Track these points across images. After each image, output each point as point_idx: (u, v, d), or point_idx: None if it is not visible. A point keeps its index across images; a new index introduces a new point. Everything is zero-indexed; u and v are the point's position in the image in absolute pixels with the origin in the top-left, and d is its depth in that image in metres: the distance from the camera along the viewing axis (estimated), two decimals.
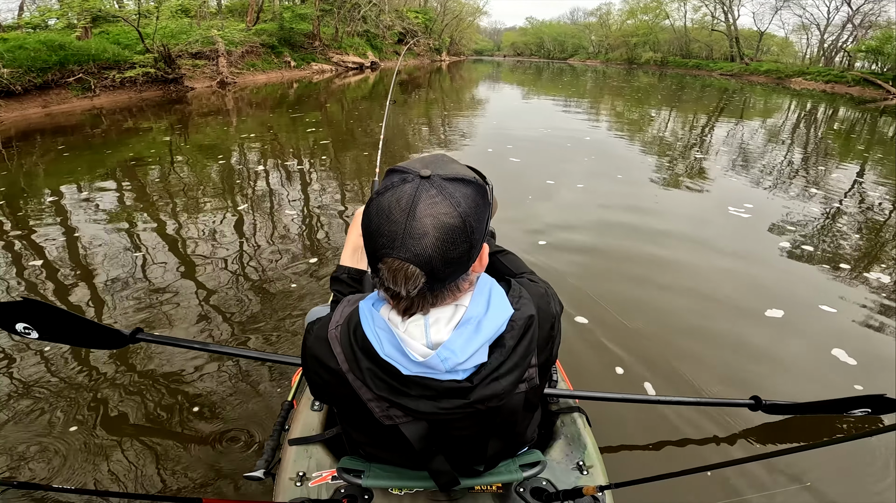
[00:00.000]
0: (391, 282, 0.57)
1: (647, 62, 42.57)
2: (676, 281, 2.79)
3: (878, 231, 3.98)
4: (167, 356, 1.96)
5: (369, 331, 0.62)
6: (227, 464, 1.49)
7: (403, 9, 29.30)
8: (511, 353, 0.63)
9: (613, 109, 11.41)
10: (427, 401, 0.63)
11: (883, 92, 22.09)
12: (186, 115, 8.48)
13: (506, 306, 0.64)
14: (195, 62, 11.99)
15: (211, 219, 3.51)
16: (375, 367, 0.63)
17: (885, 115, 13.97)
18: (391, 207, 0.56)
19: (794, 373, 2.07)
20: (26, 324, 1.31)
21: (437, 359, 0.59)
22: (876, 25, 28.96)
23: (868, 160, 6.96)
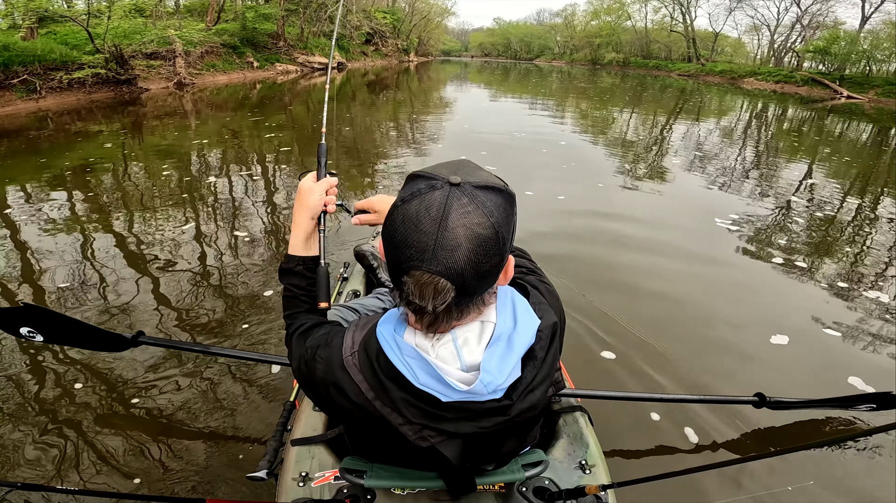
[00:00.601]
0: (417, 296, 0.54)
1: (610, 63, 43.81)
2: (667, 285, 2.78)
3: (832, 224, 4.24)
4: (169, 359, 1.95)
5: (397, 360, 0.59)
6: (230, 464, 1.49)
7: (371, 9, 29.06)
8: (542, 364, 0.63)
9: (583, 112, 11.58)
10: (467, 423, 0.62)
11: (830, 91, 23.46)
12: (141, 118, 8.15)
13: (532, 317, 0.62)
14: (150, 63, 11.52)
15: (168, 225, 3.39)
16: (409, 397, 0.60)
17: (832, 114, 14.86)
18: (420, 216, 0.52)
19: (790, 363, 2.13)
20: (30, 328, 1.34)
21: (480, 386, 0.57)
22: (823, 26, 30.78)
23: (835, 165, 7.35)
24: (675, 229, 3.73)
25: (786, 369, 2.10)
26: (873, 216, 4.47)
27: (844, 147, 8.72)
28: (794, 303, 2.69)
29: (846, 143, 9.32)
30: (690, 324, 2.43)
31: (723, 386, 1.97)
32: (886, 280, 3.09)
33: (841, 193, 5.17)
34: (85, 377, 1.87)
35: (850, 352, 2.26)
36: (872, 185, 5.79)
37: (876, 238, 3.90)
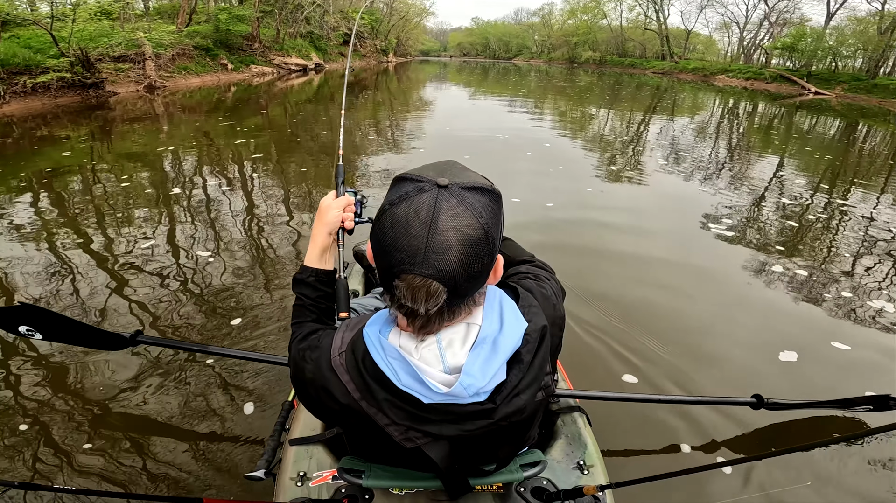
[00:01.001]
0: (409, 299, 0.54)
1: (586, 61, 44.42)
2: (664, 280, 2.81)
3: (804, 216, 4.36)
4: (166, 358, 1.96)
5: (381, 361, 0.60)
6: (228, 464, 1.49)
7: (349, 10, 28.82)
8: (529, 368, 0.62)
9: (565, 112, 11.62)
10: (450, 425, 0.61)
11: (798, 88, 24.23)
12: (109, 122, 7.89)
13: (519, 320, 0.62)
14: (118, 66, 11.17)
15: (142, 231, 3.29)
16: (393, 398, 0.60)
17: (802, 110, 15.34)
18: (409, 219, 0.52)
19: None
20: (29, 327, 1.35)
21: (460, 388, 0.57)
22: (790, 23, 31.78)
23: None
24: (668, 234, 3.63)
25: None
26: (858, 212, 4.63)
27: (831, 144, 9.01)
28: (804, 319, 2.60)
29: (829, 139, 9.64)
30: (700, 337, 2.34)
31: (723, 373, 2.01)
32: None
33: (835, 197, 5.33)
34: (83, 376, 1.86)
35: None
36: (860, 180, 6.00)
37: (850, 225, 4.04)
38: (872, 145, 9.19)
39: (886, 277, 3.04)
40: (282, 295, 2.49)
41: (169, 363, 1.94)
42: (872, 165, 6.93)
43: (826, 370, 2.09)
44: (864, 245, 3.56)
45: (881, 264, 3.22)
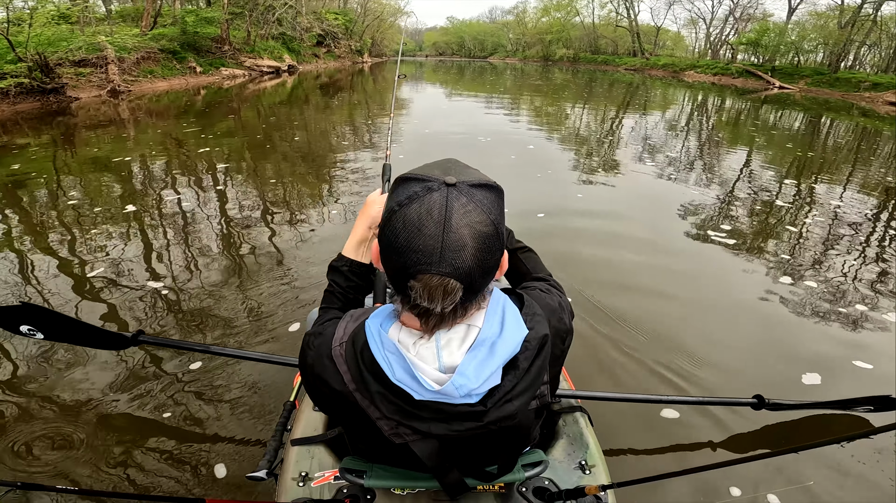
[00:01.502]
0: (426, 299, 0.54)
1: (561, 59, 44.94)
2: (660, 284, 2.79)
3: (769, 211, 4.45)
4: (168, 358, 1.97)
5: (378, 354, 0.60)
6: (230, 464, 1.49)
7: (322, 10, 28.40)
8: (525, 375, 0.62)
9: (545, 111, 11.62)
10: (439, 424, 0.62)
11: (763, 82, 25.02)
12: (72, 128, 7.57)
13: (520, 326, 0.62)
14: (79, 70, 10.73)
15: (113, 240, 3.18)
16: (386, 391, 0.61)
17: (767, 104, 15.81)
18: (422, 219, 0.52)
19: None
20: (30, 327, 1.34)
21: (451, 387, 0.57)
22: (754, 18, 32.80)
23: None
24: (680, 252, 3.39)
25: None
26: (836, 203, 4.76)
27: (841, 143, 9.29)
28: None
29: (840, 139, 9.94)
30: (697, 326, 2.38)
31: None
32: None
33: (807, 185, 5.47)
34: (84, 376, 1.87)
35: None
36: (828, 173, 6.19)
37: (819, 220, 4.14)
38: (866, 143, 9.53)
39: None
40: (262, 297, 2.47)
41: (170, 364, 1.95)
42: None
43: (851, 389, 1.95)
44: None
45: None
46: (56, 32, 10.42)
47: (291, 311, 2.35)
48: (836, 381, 2.01)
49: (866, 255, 3.39)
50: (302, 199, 4.25)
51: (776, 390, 1.69)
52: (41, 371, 1.89)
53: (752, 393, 1.53)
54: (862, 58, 26.94)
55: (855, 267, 3.17)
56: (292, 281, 2.67)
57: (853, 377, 2.05)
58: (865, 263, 3.24)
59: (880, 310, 2.59)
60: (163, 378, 1.88)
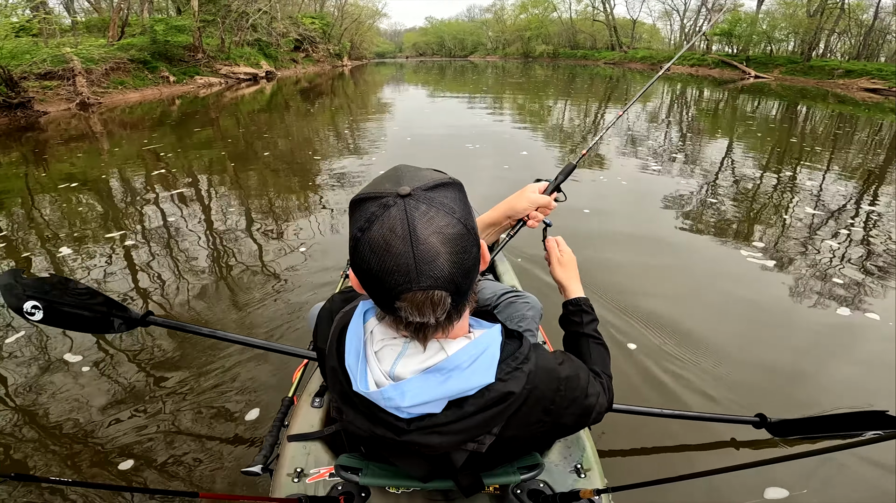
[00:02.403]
0: (416, 315, 0.52)
1: (541, 55, 45.14)
2: (667, 288, 2.69)
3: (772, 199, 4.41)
4: (164, 350, 1.97)
5: (349, 334, 0.61)
6: (225, 459, 1.48)
7: (298, 15, 27.95)
8: (467, 418, 0.59)
9: (532, 111, 11.49)
10: (364, 420, 0.62)
11: (739, 72, 25.43)
12: (42, 144, 7.23)
13: (488, 373, 0.58)
14: (45, 84, 10.29)
15: (95, 256, 3.06)
16: (338, 369, 0.62)
17: (745, 94, 16.02)
18: (387, 240, 0.49)
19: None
20: (36, 303, 1.25)
21: (379, 396, 0.57)
22: (726, 9, 33.32)
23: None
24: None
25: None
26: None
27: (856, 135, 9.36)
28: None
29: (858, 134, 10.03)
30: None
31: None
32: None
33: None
34: (81, 366, 1.86)
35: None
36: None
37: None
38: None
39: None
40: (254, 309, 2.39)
41: (168, 356, 1.94)
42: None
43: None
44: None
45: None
46: (17, 45, 9.96)
47: (281, 317, 2.29)
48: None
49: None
50: (287, 206, 4.12)
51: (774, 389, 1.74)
52: (37, 363, 1.88)
53: (747, 397, 1.56)
54: (833, 45, 27.58)
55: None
56: (282, 290, 2.58)
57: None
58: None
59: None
60: (159, 371, 1.86)
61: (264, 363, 1.89)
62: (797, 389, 1.90)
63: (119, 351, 1.98)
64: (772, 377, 1.96)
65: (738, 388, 1.87)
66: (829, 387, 1.93)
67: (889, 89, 17.72)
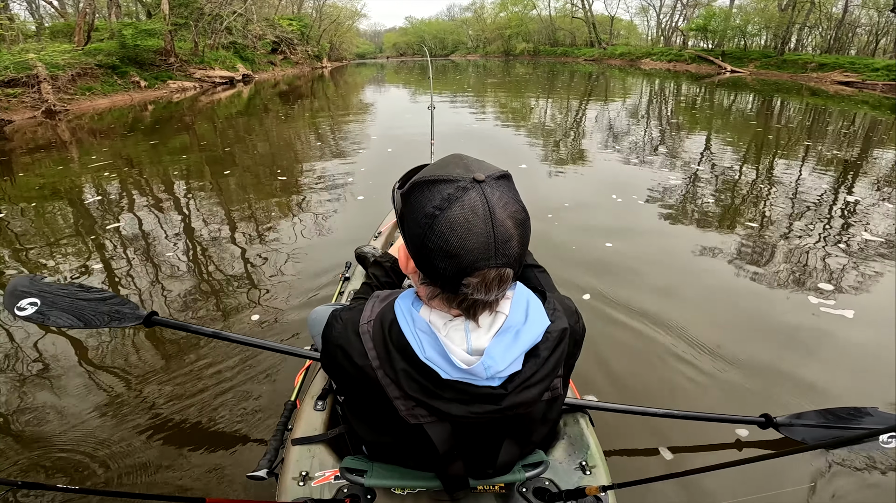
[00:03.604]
0: (483, 292, 0.56)
1: (521, 53, 45.30)
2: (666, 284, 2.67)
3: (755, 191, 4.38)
4: (167, 354, 1.98)
5: (409, 332, 0.62)
6: (230, 463, 1.49)
7: (275, 17, 27.43)
8: (544, 364, 0.65)
9: (518, 112, 11.35)
10: (459, 405, 0.63)
11: (716, 67, 25.83)
12: (7, 153, 6.87)
13: (543, 317, 0.65)
14: (8, 91, 9.82)
15: (78, 264, 2.98)
16: (412, 369, 0.62)
17: (722, 88, 16.23)
18: (469, 220, 0.53)
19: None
20: (32, 300, 1.25)
21: (480, 367, 0.60)
22: (700, 4, 33.86)
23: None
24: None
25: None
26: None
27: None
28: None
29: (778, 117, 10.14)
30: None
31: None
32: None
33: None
34: (83, 371, 1.86)
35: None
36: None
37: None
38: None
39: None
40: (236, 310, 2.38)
41: (170, 360, 1.93)
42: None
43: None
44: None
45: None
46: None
47: (282, 318, 2.29)
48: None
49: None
50: (269, 212, 3.99)
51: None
52: (36, 365, 1.87)
53: (752, 395, 1.59)
54: (804, 39, 28.23)
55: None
56: (283, 291, 2.57)
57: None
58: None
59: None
60: (162, 375, 1.85)
61: (266, 367, 1.89)
62: (801, 387, 1.88)
63: (121, 353, 1.98)
64: (778, 376, 1.93)
65: (742, 387, 1.86)
66: (832, 383, 1.91)
67: (863, 82, 18.15)
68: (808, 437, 1.47)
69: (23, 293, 1.25)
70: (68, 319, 1.26)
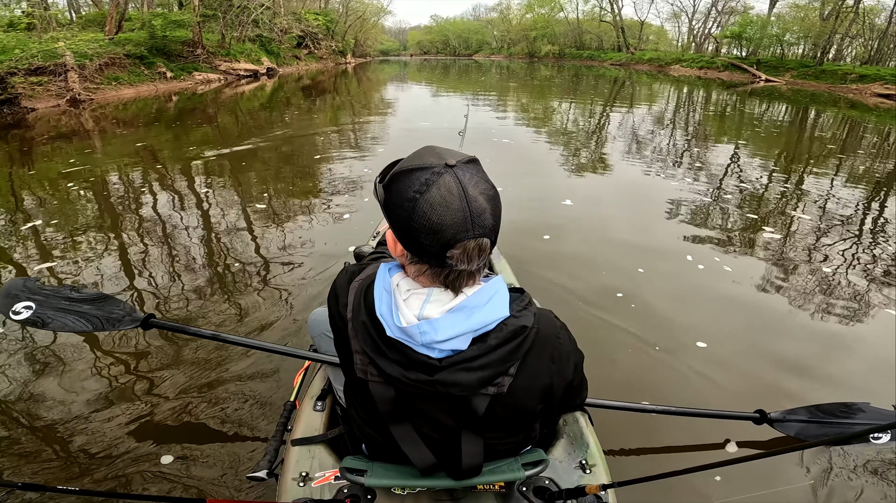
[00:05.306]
0: (465, 262, 0.60)
1: (546, 55, 44.69)
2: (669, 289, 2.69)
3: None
4: (168, 357, 1.98)
5: (376, 290, 0.67)
6: (230, 464, 1.48)
7: (302, 11, 27.56)
8: (490, 352, 0.65)
9: (555, 124, 10.98)
10: (397, 367, 0.66)
11: (749, 76, 24.96)
12: (28, 142, 6.90)
13: (503, 308, 0.66)
14: (35, 79, 9.93)
15: (90, 258, 2.96)
16: (369, 322, 0.67)
17: (754, 97, 15.64)
18: (446, 198, 0.58)
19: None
20: (27, 304, 1.24)
21: (415, 330, 0.63)
22: (735, 11, 32.83)
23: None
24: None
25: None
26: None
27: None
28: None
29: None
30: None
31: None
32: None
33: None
34: (81, 373, 1.87)
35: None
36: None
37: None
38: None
39: None
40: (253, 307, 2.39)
41: (168, 362, 1.94)
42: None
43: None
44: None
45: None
46: (4, 40, 9.63)
47: (282, 319, 2.27)
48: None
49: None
50: (287, 209, 3.95)
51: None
52: (35, 369, 1.87)
53: (749, 391, 1.64)
54: (844, 49, 27.07)
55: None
56: (283, 292, 2.54)
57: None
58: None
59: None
60: (162, 377, 1.85)
61: (265, 367, 1.89)
62: (797, 386, 1.91)
63: (119, 355, 1.98)
64: (773, 375, 1.96)
65: (740, 386, 1.89)
66: (830, 383, 1.94)
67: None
68: (802, 433, 1.48)
69: (17, 296, 1.24)
70: (64, 323, 1.25)
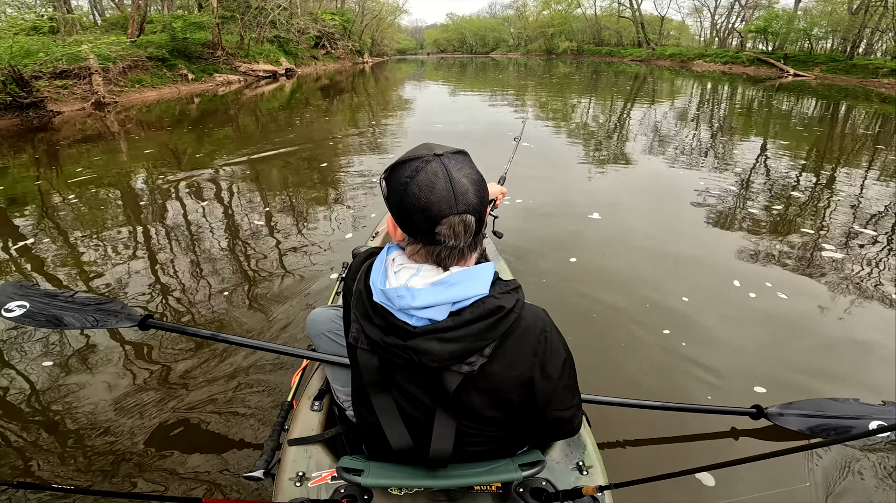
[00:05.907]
0: (452, 237, 0.66)
1: (564, 51, 44.10)
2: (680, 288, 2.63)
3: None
4: (164, 355, 1.97)
5: (376, 263, 0.74)
6: (227, 464, 1.48)
7: (318, 11, 27.67)
8: (463, 325, 0.67)
9: (575, 120, 10.65)
10: (378, 331, 0.70)
11: (776, 70, 24.17)
12: (55, 145, 7.00)
13: (483, 286, 0.69)
14: (60, 83, 10.09)
15: (101, 256, 3.01)
16: (363, 290, 0.73)
17: (784, 91, 15.11)
18: (432, 181, 0.64)
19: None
20: (19, 303, 1.25)
21: (394, 293, 0.68)
22: (760, 5, 31.80)
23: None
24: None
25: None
26: None
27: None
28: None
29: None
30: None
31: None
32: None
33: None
34: (79, 373, 1.87)
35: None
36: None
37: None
38: None
39: None
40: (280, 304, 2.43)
41: (166, 362, 1.93)
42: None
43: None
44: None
45: None
46: (29, 43, 9.79)
47: (282, 320, 2.27)
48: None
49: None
50: (297, 210, 3.94)
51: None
52: (33, 369, 1.87)
53: (752, 385, 1.66)
54: (875, 44, 25.98)
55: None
56: (283, 293, 2.55)
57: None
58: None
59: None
60: (159, 376, 1.84)
61: (263, 367, 1.89)
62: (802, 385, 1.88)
63: (117, 355, 1.97)
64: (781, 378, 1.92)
65: (740, 383, 1.88)
66: (832, 381, 1.91)
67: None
68: (798, 426, 1.50)
69: (10, 296, 1.25)
70: (57, 321, 1.25)
